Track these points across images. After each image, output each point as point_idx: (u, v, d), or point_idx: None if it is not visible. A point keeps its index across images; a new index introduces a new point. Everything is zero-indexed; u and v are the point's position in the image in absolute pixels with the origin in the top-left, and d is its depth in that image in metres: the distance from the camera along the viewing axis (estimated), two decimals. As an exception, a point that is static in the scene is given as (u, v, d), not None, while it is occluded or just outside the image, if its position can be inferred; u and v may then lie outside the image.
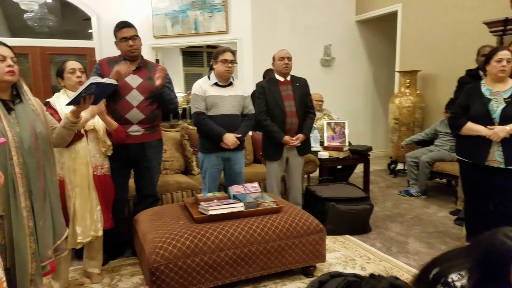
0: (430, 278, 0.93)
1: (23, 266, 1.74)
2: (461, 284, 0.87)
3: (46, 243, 1.87)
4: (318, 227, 2.59)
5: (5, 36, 6.27)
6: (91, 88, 1.97)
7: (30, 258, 1.77)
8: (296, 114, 3.26)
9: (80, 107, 2.00)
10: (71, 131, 2.07)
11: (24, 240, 1.74)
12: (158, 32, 5.94)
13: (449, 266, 0.92)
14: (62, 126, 2.03)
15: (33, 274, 1.79)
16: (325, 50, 6.28)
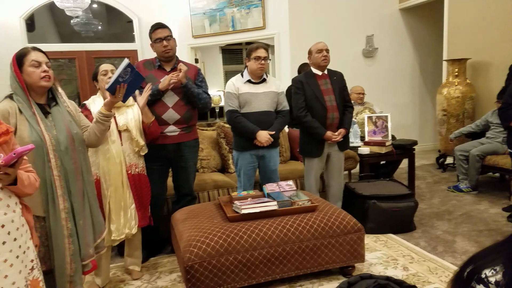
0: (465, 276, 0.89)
1: (61, 267, 1.81)
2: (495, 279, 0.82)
3: (87, 242, 1.95)
4: (356, 226, 2.50)
5: (55, 41, 6.66)
6: (126, 73, 1.99)
7: (69, 260, 1.84)
8: (337, 108, 3.16)
9: (115, 97, 2.03)
10: (103, 125, 2.08)
11: (62, 241, 1.81)
12: (197, 31, 6.03)
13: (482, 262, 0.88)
14: (94, 122, 2.08)
15: (72, 275, 1.85)
16: (367, 41, 6.05)
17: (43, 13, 6.26)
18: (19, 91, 1.81)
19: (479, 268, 0.87)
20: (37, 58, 1.84)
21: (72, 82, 6.44)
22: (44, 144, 1.78)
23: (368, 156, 3.89)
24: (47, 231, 1.80)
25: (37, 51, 1.88)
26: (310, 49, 3.22)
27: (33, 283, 1.46)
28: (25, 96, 1.80)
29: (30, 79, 1.82)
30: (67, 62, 6.33)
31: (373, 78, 6.00)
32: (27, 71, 1.81)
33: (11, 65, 1.83)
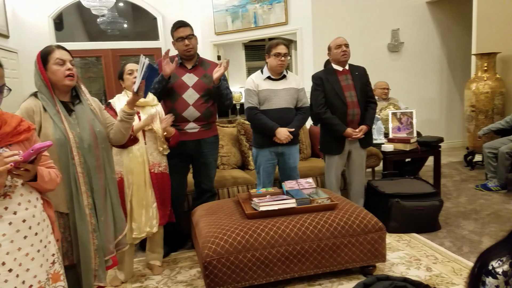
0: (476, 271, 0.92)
1: (87, 262, 1.86)
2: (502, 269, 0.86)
3: (108, 239, 1.98)
4: (377, 225, 2.46)
5: (83, 40, 6.84)
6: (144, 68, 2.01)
7: (93, 254, 1.88)
8: (358, 104, 3.10)
9: (137, 95, 2.05)
10: (127, 123, 2.10)
11: (87, 236, 1.85)
12: (219, 28, 6.05)
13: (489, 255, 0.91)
14: (118, 120, 2.10)
15: (97, 269, 1.90)
16: (393, 35, 5.91)
17: (71, 12, 6.45)
18: (44, 89, 1.84)
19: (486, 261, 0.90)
20: (62, 56, 1.86)
21: (98, 80, 6.62)
22: (68, 142, 1.82)
23: (391, 154, 3.80)
24: (71, 226, 1.84)
25: (62, 49, 1.89)
26: (329, 45, 3.17)
27: (54, 277, 1.51)
28: (49, 94, 1.83)
29: (54, 77, 1.84)
30: (93, 60, 6.51)
31: (399, 73, 5.86)
32: (52, 69, 1.84)
33: (35, 63, 1.86)
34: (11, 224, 1.33)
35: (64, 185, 1.80)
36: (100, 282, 1.93)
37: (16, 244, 1.34)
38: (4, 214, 1.32)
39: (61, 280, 1.55)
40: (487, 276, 0.86)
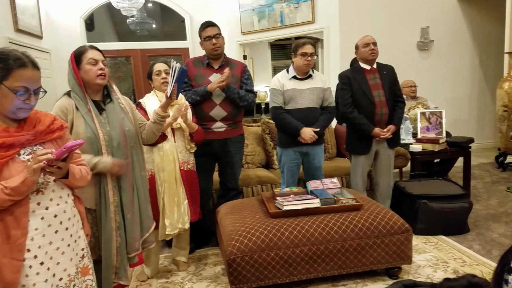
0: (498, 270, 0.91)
1: (108, 258, 1.90)
2: None
3: (134, 236, 2.01)
4: (403, 227, 2.41)
5: (113, 40, 7.02)
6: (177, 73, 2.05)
7: (115, 252, 1.92)
8: (386, 104, 3.04)
9: (170, 98, 2.10)
10: (160, 125, 2.16)
11: (110, 234, 1.89)
12: (246, 28, 6.08)
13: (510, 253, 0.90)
14: (152, 122, 2.15)
15: (118, 267, 1.94)
16: (422, 33, 5.77)
17: (101, 13, 6.63)
18: (77, 88, 1.90)
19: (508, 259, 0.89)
20: (94, 56, 1.91)
21: (127, 80, 6.78)
22: (98, 140, 1.88)
23: (420, 154, 3.71)
24: (98, 223, 1.89)
25: (94, 49, 1.95)
26: (356, 43, 3.13)
27: (83, 271, 1.56)
28: (82, 93, 1.89)
29: (87, 76, 1.90)
30: (123, 60, 6.67)
31: (428, 72, 5.71)
32: (85, 69, 1.89)
33: (69, 62, 1.92)
34: (43, 219, 1.39)
35: (92, 182, 1.84)
36: (119, 280, 1.96)
37: (48, 238, 1.40)
38: (37, 209, 1.38)
39: (90, 274, 1.60)
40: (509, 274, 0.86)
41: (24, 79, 1.34)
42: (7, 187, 1.28)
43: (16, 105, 1.34)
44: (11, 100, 1.33)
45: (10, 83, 1.32)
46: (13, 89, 1.32)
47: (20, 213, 1.34)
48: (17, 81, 1.33)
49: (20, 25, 4.76)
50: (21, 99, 1.34)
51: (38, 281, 1.36)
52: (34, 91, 1.38)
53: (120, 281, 1.97)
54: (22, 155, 1.38)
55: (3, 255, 1.30)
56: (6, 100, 1.33)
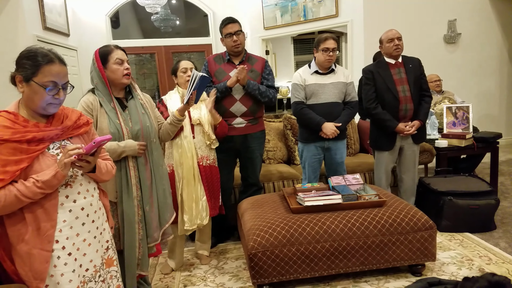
0: None
1: (131, 250, 1.96)
2: None
3: (153, 227, 2.07)
4: (427, 224, 2.37)
5: (137, 37, 7.14)
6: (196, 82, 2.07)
7: (138, 243, 1.98)
8: (411, 99, 2.98)
9: (188, 104, 2.14)
10: (175, 127, 2.24)
11: (134, 226, 1.96)
12: (268, 23, 6.06)
13: None
14: (168, 123, 2.22)
15: (140, 258, 2.01)
16: (449, 26, 5.59)
17: (126, 11, 6.74)
18: (101, 86, 1.95)
19: None
20: (121, 56, 1.97)
21: (152, 76, 6.88)
22: (122, 136, 1.94)
23: (446, 150, 3.62)
24: (119, 215, 1.95)
25: (120, 49, 2.01)
26: (381, 37, 3.07)
27: (108, 262, 1.62)
28: (107, 90, 1.95)
29: (113, 75, 1.95)
30: (147, 56, 6.78)
31: (455, 66, 5.54)
32: (112, 68, 1.95)
33: (94, 61, 1.96)
34: (71, 212, 1.44)
35: (116, 177, 1.91)
36: (142, 271, 2.03)
37: (75, 230, 1.45)
38: (65, 202, 1.44)
39: (115, 265, 1.66)
40: None
41: (53, 74, 1.39)
42: (39, 181, 1.33)
43: (46, 100, 1.39)
44: (41, 95, 1.38)
45: (39, 79, 1.37)
46: (43, 85, 1.37)
47: (50, 206, 1.39)
48: (46, 76, 1.38)
49: (48, 23, 4.91)
50: (51, 94, 1.39)
51: (66, 271, 1.41)
52: (63, 86, 1.43)
53: (142, 272, 2.04)
54: (51, 149, 1.43)
55: (33, 246, 1.36)
56: (36, 96, 1.38)
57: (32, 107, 1.42)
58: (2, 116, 1.37)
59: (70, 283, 1.41)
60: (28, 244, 1.35)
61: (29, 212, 1.36)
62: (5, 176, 1.31)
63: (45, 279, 1.38)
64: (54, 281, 1.39)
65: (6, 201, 1.30)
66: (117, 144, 1.90)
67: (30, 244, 1.36)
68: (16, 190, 1.31)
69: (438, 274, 2.41)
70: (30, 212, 1.37)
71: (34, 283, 1.36)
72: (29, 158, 1.35)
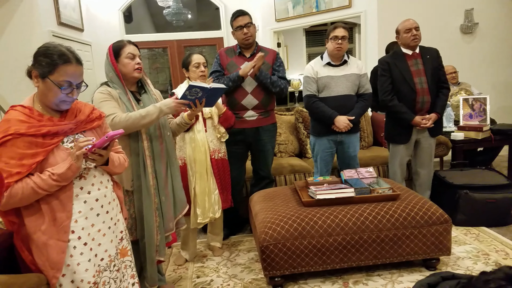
0: None
1: (151, 237, 2.01)
2: None
3: (168, 217, 2.13)
4: (442, 217, 2.33)
5: (150, 32, 7.16)
6: (195, 92, 2.00)
7: (156, 231, 2.03)
8: (428, 91, 2.92)
9: (193, 110, 2.12)
10: (182, 129, 2.29)
11: (151, 214, 2.01)
12: (280, 15, 6.00)
13: None
14: (177, 123, 2.24)
15: (158, 245, 2.05)
16: (466, 15, 5.45)
17: (139, 5, 6.76)
18: (115, 79, 1.99)
19: None
20: (132, 51, 2.01)
21: (165, 70, 6.90)
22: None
23: (462, 142, 3.56)
24: (136, 204, 2.00)
25: (132, 44, 2.05)
26: (397, 28, 3.00)
27: (122, 252, 1.65)
28: (121, 84, 2.00)
29: (125, 69, 2.00)
30: (160, 51, 6.79)
31: (472, 56, 5.40)
32: (123, 62, 1.99)
33: (107, 55, 2.01)
34: (86, 203, 1.48)
35: (133, 166, 1.96)
36: (160, 256, 2.09)
37: (90, 220, 1.49)
38: (80, 194, 1.47)
39: (129, 256, 1.69)
40: None
41: (68, 74, 1.42)
42: (54, 174, 1.37)
43: (60, 98, 1.43)
44: (55, 93, 1.42)
45: (55, 78, 1.40)
46: (58, 83, 1.41)
47: (65, 197, 1.43)
48: (62, 76, 1.41)
49: (63, 19, 4.95)
50: (65, 92, 1.42)
51: (82, 260, 1.45)
52: (77, 85, 1.46)
53: (160, 258, 2.10)
54: (66, 143, 1.47)
55: (50, 237, 1.40)
56: (51, 93, 1.42)
57: (46, 102, 1.45)
58: (18, 111, 1.41)
59: (86, 272, 1.45)
60: (45, 235, 1.39)
61: (45, 203, 1.40)
62: (22, 169, 1.34)
63: (62, 269, 1.41)
64: (70, 270, 1.43)
65: (23, 193, 1.34)
66: (153, 105, 1.96)
67: (46, 234, 1.39)
68: (32, 182, 1.35)
69: (453, 268, 2.38)
70: (46, 203, 1.40)
71: (51, 272, 1.40)
72: (44, 151, 1.39)
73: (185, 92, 1.99)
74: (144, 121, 1.91)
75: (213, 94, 2.10)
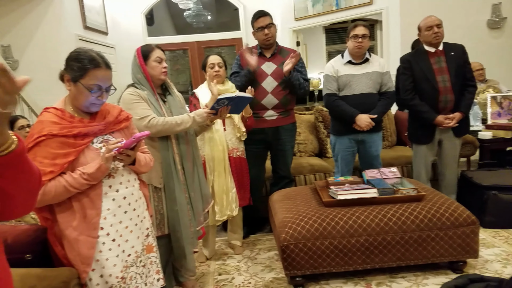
0: None
1: (185, 230, 2.10)
2: None
3: (198, 211, 2.22)
4: (469, 219, 2.27)
5: (171, 34, 7.25)
6: (222, 102, 2.12)
7: (189, 224, 2.12)
8: (452, 89, 2.83)
9: (217, 116, 2.21)
10: (202, 130, 2.35)
11: (185, 208, 2.10)
12: (299, 13, 5.97)
13: None
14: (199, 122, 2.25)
15: (192, 237, 2.15)
16: (493, 10, 5.28)
17: (160, 8, 6.85)
18: (144, 81, 2.07)
19: None
20: (160, 55, 2.10)
21: (185, 72, 6.98)
22: None
23: (490, 142, 3.46)
24: (165, 200, 2.07)
25: (159, 49, 2.13)
26: (419, 25, 2.93)
27: (148, 248, 1.70)
28: (149, 85, 2.07)
29: (153, 72, 2.07)
30: (181, 52, 6.88)
31: (500, 52, 5.22)
32: (152, 65, 2.07)
33: (135, 57, 2.08)
34: (114, 200, 1.54)
35: (161, 163, 2.03)
36: (194, 248, 2.20)
37: (118, 217, 1.54)
38: (108, 192, 1.53)
39: (154, 252, 1.74)
40: None
41: (98, 78, 1.49)
42: (85, 173, 1.43)
43: (90, 101, 1.50)
44: (86, 96, 1.49)
45: (85, 82, 1.47)
46: (88, 87, 1.47)
47: (95, 195, 1.49)
48: (92, 79, 1.48)
49: (88, 23, 5.09)
50: (95, 96, 1.49)
51: (110, 256, 1.50)
52: (106, 88, 1.53)
53: (195, 249, 2.21)
54: (95, 143, 1.53)
55: (80, 233, 1.46)
56: (81, 96, 1.49)
57: (77, 104, 1.53)
58: (51, 113, 1.48)
59: (114, 267, 1.50)
60: (76, 231, 1.46)
61: (76, 201, 1.47)
62: (55, 168, 1.41)
63: (92, 263, 1.47)
64: (99, 266, 1.48)
65: (56, 191, 1.40)
66: (187, 114, 2.08)
67: (77, 230, 1.46)
68: (64, 181, 1.41)
69: (481, 271, 2.31)
70: (77, 201, 1.47)
71: (81, 267, 1.46)
72: (75, 151, 1.45)
73: (214, 104, 2.12)
74: (179, 128, 2.03)
75: (239, 103, 2.23)
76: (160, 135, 2.02)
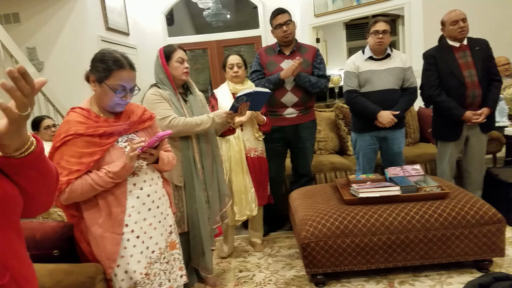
0: None
1: (204, 228, 2.14)
2: None
3: (215, 210, 2.25)
4: (495, 217, 2.21)
5: (190, 33, 7.30)
6: (241, 99, 2.13)
7: (207, 222, 2.16)
8: (479, 84, 2.75)
9: (238, 113, 2.21)
10: (223, 127, 2.35)
11: (203, 207, 2.14)
12: (319, 10, 5.92)
13: None
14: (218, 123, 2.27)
15: (210, 235, 2.19)
16: (520, 2, 5.11)
17: (180, 8, 6.91)
18: (166, 81, 2.12)
19: None
20: (182, 56, 2.15)
21: (205, 71, 7.02)
22: None
23: (517, 138, 3.36)
24: (185, 198, 2.11)
25: (181, 49, 2.18)
26: (442, 19, 2.86)
27: (171, 245, 1.73)
28: (171, 85, 2.12)
29: (175, 72, 2.12)
30: (200, 52, 6.92)
31: (528, 46, 5.06)
32: (174, 65, 2.12)
33: (158, 57, 2.13)
34: (138, 198, 1.57)
35: (181, 162, 2.07)
36: (212, 246, 2.23)
37: (142, 215, 1.58)
38: (133, 189, 1.57)
39: (177, 248, 1.77)
40: None
41: (123, 79, 1.52)
42: (110, 172, 1.47)
43: (115, 101, 1.53)
44: (111, 97, 1.52)
45: (110, 82, 1.51)
46: (113, 88, 1.51)
47: (120, 193, 1.53)
48: (116, 80, 1.51)
49: (110, 24, 5.18)
50: (119, 96, 1.53)
51: (135, 252, 1.54)
52: (130, 89, 1.57)
53: (212, 247, 2.25)
54: (120, 142, 1.57)
55: (106, 230, 1.50)
56: (106, 97, 1.53)
57: (102, 105, 1.57)
58: (77, 112, 1.53)
59: (139, 263, 1.54)
60: (101, 227, 1.49)
61: (102, 198, 1.51)
62: (81, 167, 1.45)
63: (117, 260, 1.51)
64: (124, 262, 1.52)
65: (82, 189, 1.45)
66: (207, 115, 2.11)
67: (103, 227, 1.49)
68: (91, 179, 1.45)
69: (507, 270, 2.26)
70: (103, 198, 1.51)
71: (107, 263, 1.50)
72: (101, 150, 1.49)
73: (233, 103, 2.13)
74: (198, 129, 2.07)
75: (258, 98, 2.22)
76: (180, 135, 2.06)
